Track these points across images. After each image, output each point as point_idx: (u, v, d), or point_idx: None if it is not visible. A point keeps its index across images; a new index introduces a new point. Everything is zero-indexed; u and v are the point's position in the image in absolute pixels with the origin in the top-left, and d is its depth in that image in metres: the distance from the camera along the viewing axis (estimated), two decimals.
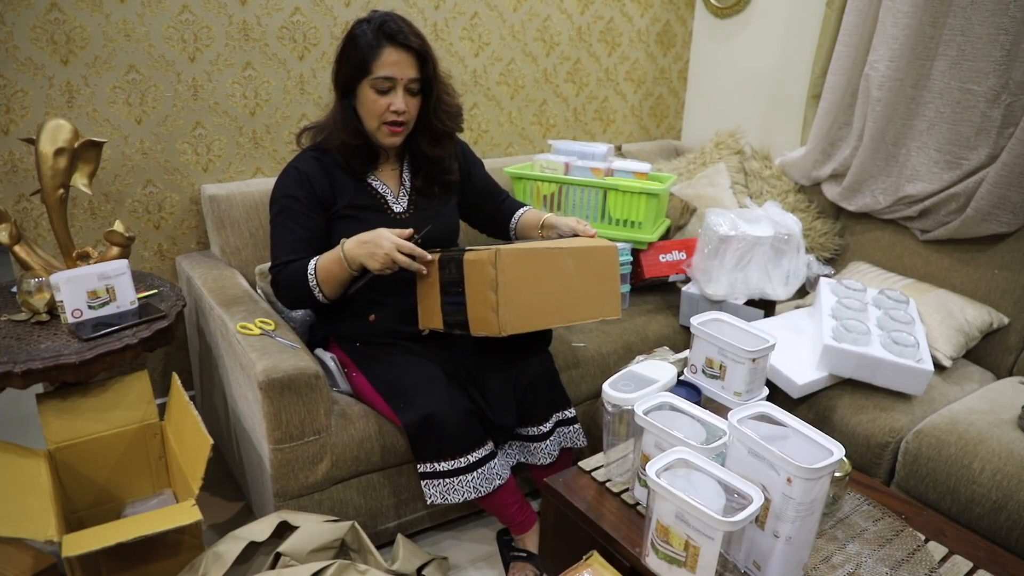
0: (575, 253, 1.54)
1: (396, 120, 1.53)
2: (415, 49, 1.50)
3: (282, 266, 1.55)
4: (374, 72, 1.49)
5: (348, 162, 1.58)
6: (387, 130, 1.55)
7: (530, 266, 1.46)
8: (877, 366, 1.66)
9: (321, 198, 1.57)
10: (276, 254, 1.58)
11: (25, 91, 1.73)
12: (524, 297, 1.45)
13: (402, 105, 1.51)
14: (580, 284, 1.55)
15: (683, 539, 1.01)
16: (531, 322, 1.49)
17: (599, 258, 1.59)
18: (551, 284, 1.50)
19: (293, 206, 1.56)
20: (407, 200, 1.65)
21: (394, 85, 1.50)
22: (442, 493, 1.52)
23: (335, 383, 1.67)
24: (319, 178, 1.57)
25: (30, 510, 1.33)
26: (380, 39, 1.48)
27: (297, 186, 1.56)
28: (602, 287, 1.61)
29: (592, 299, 1.59)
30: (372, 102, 1.52)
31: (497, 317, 1.42)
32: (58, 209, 1.60)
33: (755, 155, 2.53)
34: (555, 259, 1.50)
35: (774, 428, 1.10)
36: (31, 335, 1.50)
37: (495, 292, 1.41)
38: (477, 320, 1.47)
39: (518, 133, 2.58)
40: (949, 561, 1.18)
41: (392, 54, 1.48)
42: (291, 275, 1.53)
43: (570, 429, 1.70)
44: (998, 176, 1.86)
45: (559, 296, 1.52)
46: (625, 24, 2.68)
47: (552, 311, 1.52)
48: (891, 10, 1.99)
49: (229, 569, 1.32)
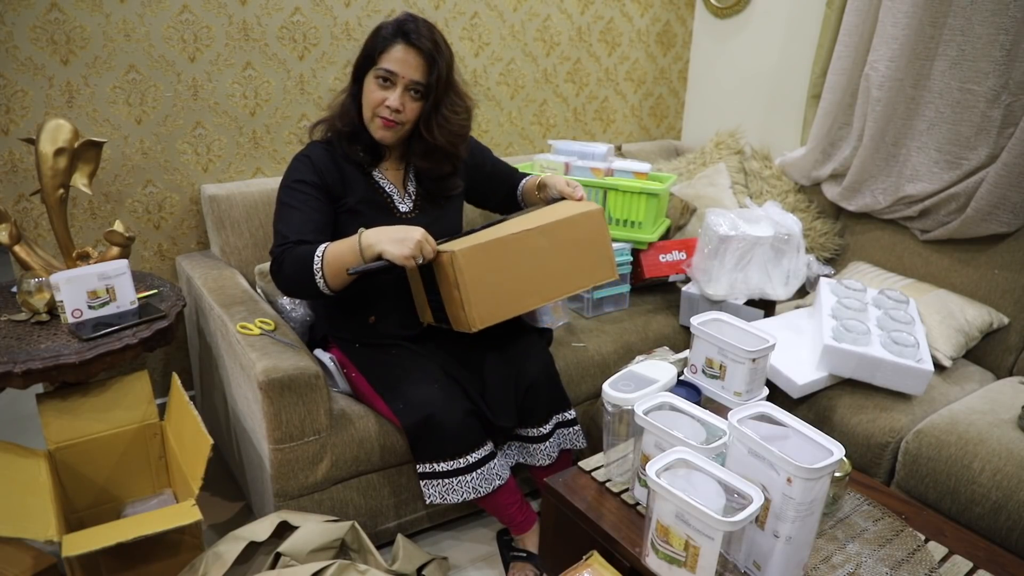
0: (549, 229, 1.51)
1: (389, 116, 1.51)
2: (424, 51, 1.48)
3: (290, 245, 1.46)
4: (379, 63, 1.49)
5: (351, 152, 1.57)
6: (379, 122, 1.53)
7: (492, 258, 1.44)
8: (877, 366, 1.66)
9: (331, 189, 1.55)
10: (282, 233, 1.49)
11: (25, 91, 1.73)
12: (490, 290, 1.45)
13: (397, 103, 1.50)
14: (561, 257, 1.54)
15: (683, 539, 1.00)
16: (506, 310, 1.49)
17: (582, 224, 1.57)
18: (523, 268, 1.49)
19: (304, 190, 1.52)
20: (412, 201, 1.65)
21: (395, 82, 1.50)
22: (441, 493, 1.52)
23: (334, 383, 1.67)
24: (331, 169, 1.56)
25: (30, 510, 1.33)
26: (396, 34, 1.49)
27: (310, 173, 1.54)
28: (590, 252, 1.59)
29: (579, 268, 1.58)
30: (370, 92, 1.52)
31: (466, 315, 1.43)
32: (58, 209, 1.60)
33: (755, 155, 2.53)
34: (523, 242, 1.48)
35: (774, 428, 1.10)
36: (31, 335, 1.50)
37: (459, 291, 1.42)
38: (454, 318, 1.49)
39: (518, 133, 2.58)
40: (949, 561, 1.18)
41: (401, 51, 1.48)
42: (297, 257, 1.44)
43: (570, 431, 1.69)
44: (998, 176, 1.86)
45: (536, 277, 1.51)
46: (625, 24, 2.68)
47: (531, 293, 1.51)
48: (891, 10, 1.99)
49: (229, 569, 1.32)
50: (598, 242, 1.60)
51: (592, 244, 1.59)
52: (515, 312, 1.52)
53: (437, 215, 1.67)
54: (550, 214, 1.58)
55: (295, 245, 1.45)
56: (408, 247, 1.37)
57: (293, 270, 1.44)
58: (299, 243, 1.46)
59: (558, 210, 1.61)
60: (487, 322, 1.46)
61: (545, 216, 1.57)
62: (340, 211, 1.58)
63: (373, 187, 1.61)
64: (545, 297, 1.56)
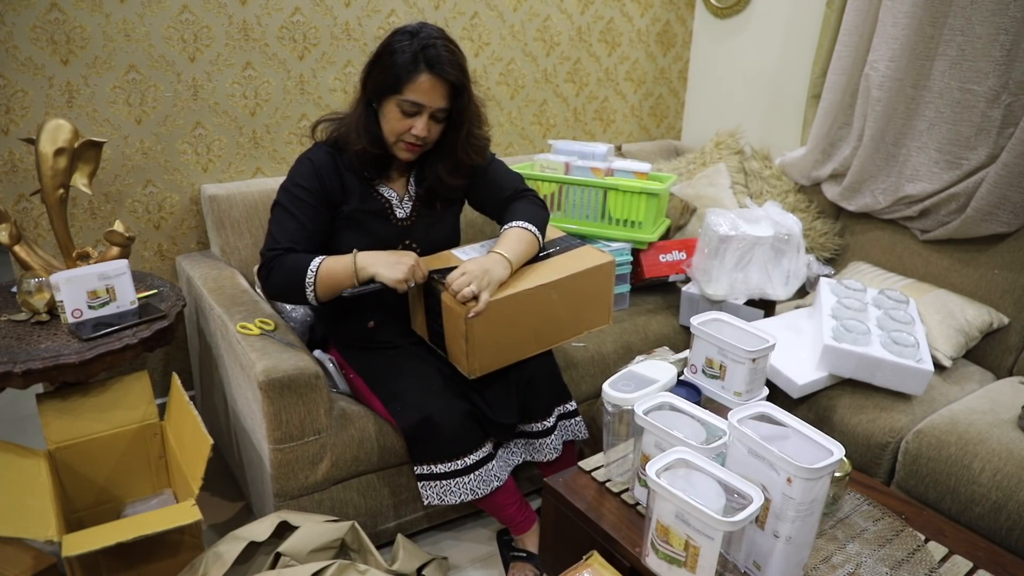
0: (562, 284, 1.52)
1: (415, 142, 1.50)
2: (452, 82, 1.46)
3: (281, 252, 1.47)
4: (404, 94, 1.44)
5: (363, 167, 1.56)
6: (404, 146, 1.51)
7: (506, 312, 1.46)
8: (877, 366, 1.66)
9: (331, 196, 1.54)
10: (275, 237, 1.49)
11: (25, 91, 1.73)
12: (496, 342, 1.48)
13: (424, 131, 1.47)
14: (566, 308, 1.56)
15: (683, 539, 1.01)
16: (505, 359, 1.53)
17: (592, 277, 1.58)
18: (531, 319, 1.52)
19: (303, 196, 1.52)
20: (411, 207, 1.64)
21: (421, 111, 1.46)
22: (439, 495, 1.52)
23: (334, 384, 1.67)
24: (332, 176, 1.54)
25: (30, 510, 1.33)
26: (419, 63, 1.42)
27: (311, 178, 1.52)
28: (593, 302, 1.60)
29: (580, 316, 1.60)
30: (396, 120, 1.48)
31: (467, 362, 1.47)
32: (58, 209, 1.60)
33: (755, 155, 2.53)
34: (537, 295, 1.50)
35: (774, 428, 1.10)
36: (31, 335, 1.50)
37: (466, 342, 1.44)
38: (452, 354, 1.52)
39: (518, 133, 2.58)
40: (949, 561, 1.18)
41: (427, 82, 1.43)
42: (289, 265, 1.46)
43: (572, 422, 1.70)
44: (998, 176, 1.86)
45: (540, 326, 1.54)
46: (625, 24, 2.68)
47: (531, 341, 1.55)
48: (891, 10, 1.99)
49: (229, 569, 1.32)
50: (603, 293, 1.61)
51: (596, 295, 1.60)
52: (513, 360, 1.55)
53: (434, 220, 1.67)
54: (564, 265, 1.57)
55: (285, 253, 1.48)
56: (401, 271, 1.42)
57: (283, 279, 1.48)
58: (289, 251, 1.49)
59: (568, 262, 1.59)
60: (486, 370, 1.50)
61: (559, 268, 1.56)
62: (337, 217, 1.57)
63: (373, 194, 1.60)
64: (542, 345, 1.58)
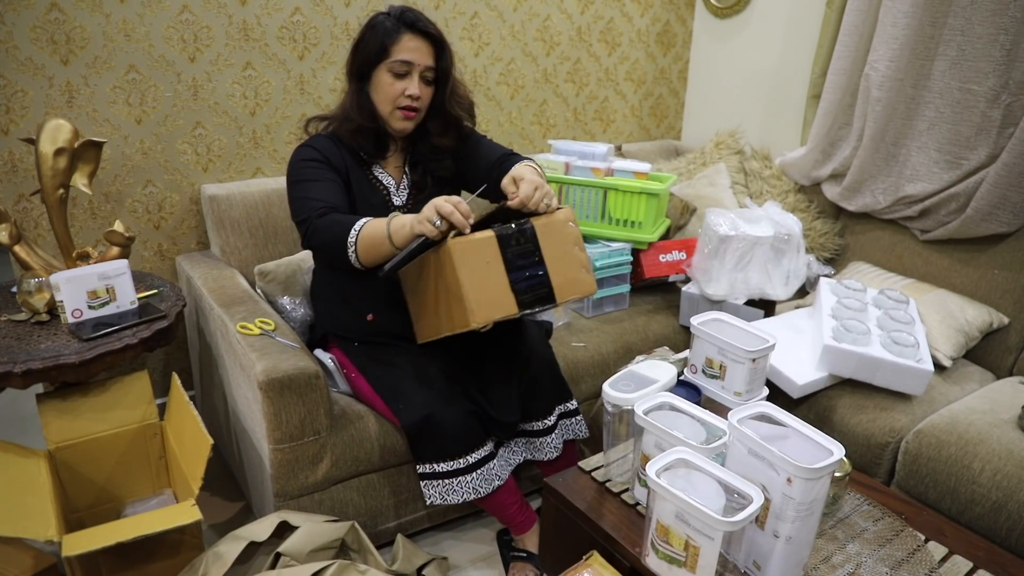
0: None
1: (410, 105, 1.54)
2: (434, 37, 1.54)
3: (328, 208, 1.46)
4: (393, 55, 1.51)
5: (360, 148, 1.59)
6: (400, 114, 1.55)
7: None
8: (877, 366, 1.66)
9: (339, 172, 1.57)
10: (316, 197, 1.48)
11: (25, 91, 1.73)
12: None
13: (417, 90, 1.53)
14: None
15: (683, 539, 1.01)
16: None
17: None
18: None
19: (317, 167, 1.54)
20: (407, 194, 1.66)
21: (411, 70, 1.52)
22: (441, 494, 1.52)
23: (334, 384, 1.67)
24: (336, 157, 1.58)
25: (30, 510, 1.33)
26: (400, 25, 1.51)
27: (319, 155, 1.56)
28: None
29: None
30: (388, 85, 1.53)
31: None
32: (58, 209, 1.60)
33: (755, 155, 2.53)
34: None
35: (774, 428, 1.10)
36: (31, 335, 1.50)
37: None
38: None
39: (518, 133, 2.58)
40: (949, 561, 1.18)
41: (411, 40, 1.51)
42: (334, 222, 1.44)
43: (573, 421, 1.70)
44: (998, 176, 1.86)
45: None
46: (625, 24, 2.68)
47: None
48: (891, 10, 1.99)
49: (229, 569, 1.32)
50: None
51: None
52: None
53: None
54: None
55: (332, 211, 1.47)
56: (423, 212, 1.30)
57: (329, 233, 1.44)
58: (330, 209, 1.47)
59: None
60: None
61: None
62: None
63: (371, 182, 1.62)
64: None
